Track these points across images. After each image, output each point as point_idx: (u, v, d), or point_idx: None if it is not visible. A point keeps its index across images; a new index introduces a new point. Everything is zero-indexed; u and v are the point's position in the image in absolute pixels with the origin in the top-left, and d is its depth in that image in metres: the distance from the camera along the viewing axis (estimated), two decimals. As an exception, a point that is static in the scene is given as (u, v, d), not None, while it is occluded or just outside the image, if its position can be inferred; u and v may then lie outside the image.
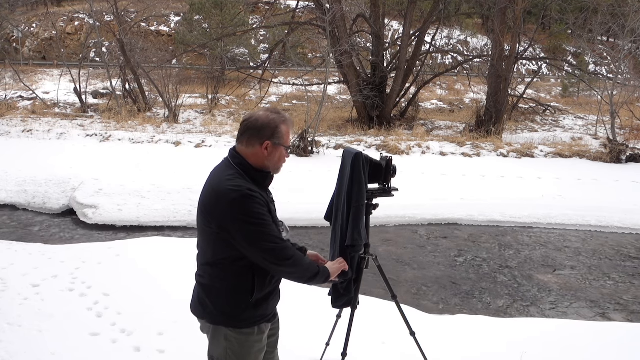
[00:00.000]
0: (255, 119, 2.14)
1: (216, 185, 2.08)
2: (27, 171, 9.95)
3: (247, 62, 25.39)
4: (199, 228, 2.18)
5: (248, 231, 2.01)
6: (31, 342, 3.71)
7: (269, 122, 2.12)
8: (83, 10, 26.03)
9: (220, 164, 2.21)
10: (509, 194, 9.37)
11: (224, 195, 2.02)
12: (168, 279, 5.02)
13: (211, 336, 2.19)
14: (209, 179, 2.18)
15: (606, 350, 3.93)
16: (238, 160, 2.14)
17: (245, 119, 2.17)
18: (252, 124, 2.13)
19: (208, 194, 2.11)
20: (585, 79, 20.65)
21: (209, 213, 2.08)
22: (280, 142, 2.15)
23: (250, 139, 2.13)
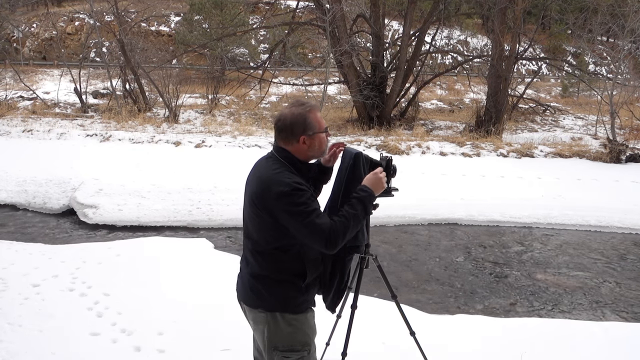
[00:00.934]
0: (284, 119, 2.22)
1: (266, 178, 2.17)
2: (28, 171, 9.96)
3: (247, 62, 25.39)
4: (248, 218, 2.26)
5: (300, 221, 2.10)
6: (32, 342, 3.72)
7: (296, 118, 2.21)
8: (83, 10, 26.04)
9: (265, 157, 2.30)
10: (509, 194, 9.37)
11: (275, 188, 2.10)
12: (168, 278, 5.02)
13: (271, 325, 2.23)
14: (254, 171, 2.28)
15: (606, 350, 3.93)
16: (284, 154, 2.23)
17: (275, 122, 2.27)
18: (282, 124, 2.22)
19: (258, 185, 2.19)
20: (585, 79, 20.65)
21: (260, 204, 2.16)
22: (314, 131, 2.23)
23: (287, 139, 2.23)
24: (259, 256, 2.24)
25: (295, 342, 2.24)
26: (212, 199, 8.54)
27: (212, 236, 7.06)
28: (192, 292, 4.68)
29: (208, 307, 4.36)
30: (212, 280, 5.02)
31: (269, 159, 2.27)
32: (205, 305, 4.40)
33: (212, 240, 6.67)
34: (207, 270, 5.38)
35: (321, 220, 2.12)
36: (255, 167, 2.31)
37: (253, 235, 2.24)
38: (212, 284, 4.90)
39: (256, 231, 2.22)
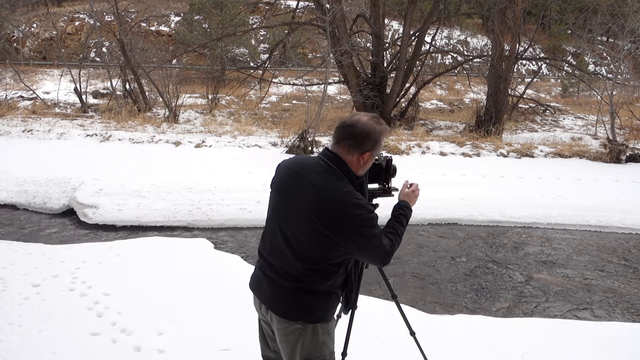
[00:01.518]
0: (362, 126, 2.13)
1: (338, 197, 2.06)
2: (28, 171, 9.95)
3: (247, 62, 25.39)
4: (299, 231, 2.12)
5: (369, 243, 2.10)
6: (31, 341, 3.72)
7: (374, 132, 2.15)
8: (83, 11, 26.02)
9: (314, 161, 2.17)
10: (509, 194, 9.37)
11: (352, 211, 2.05)
12: (168, 279, 5.02)
13: (307, 336, 2.20)
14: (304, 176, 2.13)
15: (606, 350, 3.93)
16: (342, 166, 2.13)
17: (351, 124, 2.14)
18: (359, 132, 2.12)
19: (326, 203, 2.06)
20: (585, 79, 20.65)
21: (327, 223, 2.05)
22: (376, 153, 2.21)
23: (353, 147, 2.13)
24: (313, 273, 2.13)
25: (325, 349, 2.26)
26: (212, 199, 8.54)
27: (212, 236, 7.06)
28: (192, 292, 4.69)
29: (208, 307, 4.36)
30: (212, 280, 5.02)
31: (321, 164, 2.14)
32: (205, 305, 4.40)
33: (212, 240, 6.67)
34: (207, 270, 5.39)
35: (385, 241, 2.15)
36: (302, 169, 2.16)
37: (307, 250, 2.12)
38: (212, 284, 4.90)
39: (314, 248, 2.11)
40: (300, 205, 2.09)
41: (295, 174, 2.16)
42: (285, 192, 2.18)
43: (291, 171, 2.19)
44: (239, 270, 5.42)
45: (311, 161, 2.19)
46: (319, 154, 2.21)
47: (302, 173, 2.14)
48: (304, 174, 2.13)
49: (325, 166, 2.12)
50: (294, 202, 2.13)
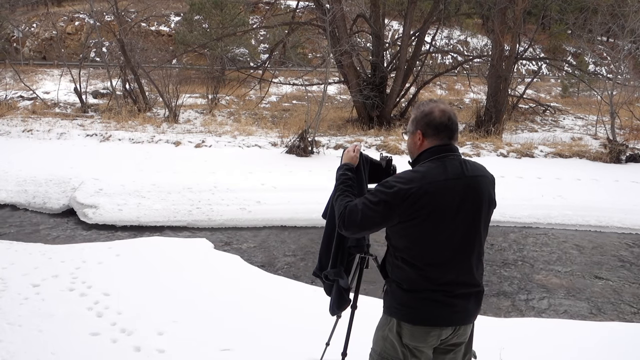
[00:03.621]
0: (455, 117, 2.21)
1: (488, 176, 2.19)
2: (28, 171, 9.95)
3: (247, 62, 25.37)
4: (482, 230, 2.15)
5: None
6: (31, 341, 3.72)
7: None
8: (83, 10, 26.01)
9: (465, 161, 2.16)
10: (509, 194, 9.35)
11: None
12: (168, 279, 5.02)
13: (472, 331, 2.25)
14: (478, 173, 2.15)
15: (607, 350, 3.93)
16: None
17: (453, 121, 2.16)
18: (456, 123, 2.20)
19: (491, 185, 2.19)
20: (585, 79, 20.64)
21: (493, 201, 2.20)
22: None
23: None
24: (482, 265, 2.22)
25: None
26: (212, 199, 8.54)
27: (212, 236, 7.06)
28: (192, 292, 4.69)
29: (208, 307, 4.37)
30: (212, 280, 5.02)
31: (465, 160, 2.17)
32: (205, 305, 4.40)
33: (212, 240, 6.67)
34: (207, 270, 5.39)
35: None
36: (467, 173, 2.11)
37: (483, 243, 2.18)
38: (212, 284, 4.90)
39: (483, 238, 2.18)
40: (488, 198, 2.16)
41: (464, 179, 2.09)
42: (468, 201, 2.08)
43: (455, 182, 2.07)
44: (239, 270, 5.43)
45: (456, 163, 2.12)
46: (456, 155, 2.14)
47: (467, 175, 2.11)
48: (471, 174, 2.12)
49: (464, 159, 2.18)
50: (480, 204, 2.12)
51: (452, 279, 2.08)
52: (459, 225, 2.06)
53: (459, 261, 2.08)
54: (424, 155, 2.14)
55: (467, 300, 2.12)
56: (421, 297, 2.09)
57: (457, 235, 2.06)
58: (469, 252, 2.10)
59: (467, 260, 2.10)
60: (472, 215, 2.08)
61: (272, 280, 5.18)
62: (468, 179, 2.08)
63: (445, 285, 2.07)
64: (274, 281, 5.16)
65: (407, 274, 2.15)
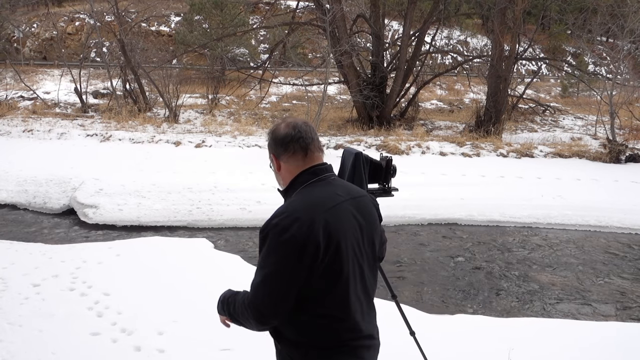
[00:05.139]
0: (308, 124, 1.95)
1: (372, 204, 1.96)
2: (28, 171, 9.96)
3: (247, 62, 25.37)
4: (373, 269, 1.93)
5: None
6: (32, 341, 3.72)
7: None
8: (84, 11, 25.99)
9: (332, 178, 1.89)
10: (509, 194, 9.37)
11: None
12: (168, 279, 5.03)
13: None
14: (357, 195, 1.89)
15: (606, 349, 3.94)
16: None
17: (310, 127, 1.90)
18: (311, 129, 1.92)
19: (372, 216, 1.91)
20: (585, 79, 20.64)
21: (377, 232, 1.96)
22: None
23: (320, 145, 1.97)
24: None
25: None
26: (212, 199, 8.54)
27: (212, 236, 7.07)
28: (192, 292, 4.69)
29: (208, 307, 4.36)
30: (212, 280, 5.02)
31: (336, 179, 1.91)
32: (205, 305, 4.40)
33: (212, 240, 6.68)
34: (207, 270, 5.39)
35: None
36: (344, 197, 1.82)
37: (373, 287, 2.01)
38: (212, 284, 4.90)
39: (375, 279, 2.02)
40: (369, 237, 1.85)
41: (344, 211, 1.78)
42: (355, 234, 1.80)
43: (337, 212, 1.76)
44: (239, 270, 5.43)
45: (333, 187, 1.84)
46: (323, 176, 1.85)
47: (345, 200, 1.80)
48: (347, 197, 1.82)
49: (336, 178, 1.93)
50: (367, 234, 1.85)
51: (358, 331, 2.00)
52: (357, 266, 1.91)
53: (364, 309, 2.08)
54: (297, 182, 1.83)
55: (374, 352, 1.98)
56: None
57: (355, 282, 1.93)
58: (369, 297, 2.07)
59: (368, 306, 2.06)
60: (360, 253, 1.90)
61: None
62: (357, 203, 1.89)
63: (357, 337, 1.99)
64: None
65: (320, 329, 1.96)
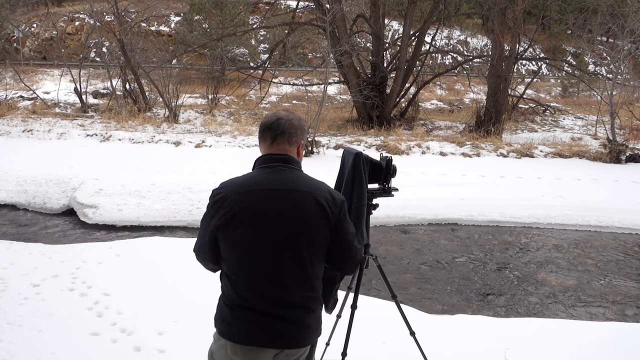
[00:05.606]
0: (291, 118, 2.06)
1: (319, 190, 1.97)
2: (28, 171, 9.96)
3: (247, 62, 25.37)
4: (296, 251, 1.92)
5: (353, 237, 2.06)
6: (31, 341, 3.72)
7: (301, 123, 2.11)
8: (83, 10, 26.00)
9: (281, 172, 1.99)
10: (509, 194, 9.37)
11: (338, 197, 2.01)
12: (168, 278, 5.03)
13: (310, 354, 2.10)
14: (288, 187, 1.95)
15: (606, 350, 3.94)
16: (299, 165, 2.06)
17: (276, 120, 2.03)
18: (289, 124, 2.03)
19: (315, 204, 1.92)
20: (585, 79, 20.65)
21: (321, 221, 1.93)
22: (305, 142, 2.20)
23: (291, 139, 2.03)
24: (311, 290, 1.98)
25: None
26: (212, 199, 8.53)
27: (212, 236, 7.05)
28: (192, 292, 4.68)
29: (208, 307, 4.35)
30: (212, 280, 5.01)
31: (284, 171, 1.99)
32: (205, 305, 4.39)
33: (212, 240, 6.66)
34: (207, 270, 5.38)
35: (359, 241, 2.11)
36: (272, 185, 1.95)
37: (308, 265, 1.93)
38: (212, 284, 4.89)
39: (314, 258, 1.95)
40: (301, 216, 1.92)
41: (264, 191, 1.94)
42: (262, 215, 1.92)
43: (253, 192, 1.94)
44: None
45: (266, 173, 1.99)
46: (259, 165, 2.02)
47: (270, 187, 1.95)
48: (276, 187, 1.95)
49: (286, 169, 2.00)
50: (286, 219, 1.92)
51: (252, 293, 1.94)
52: (262, 238, 1.92)
53: (261, 276, 1.93)
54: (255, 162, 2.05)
55: (268, 317, 1.93)
56: (236, 314, 1.96)
57: (258, 249, 1.92)
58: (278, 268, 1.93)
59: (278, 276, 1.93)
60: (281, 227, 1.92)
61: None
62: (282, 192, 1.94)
63: (252, 301, 1.94)
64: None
65: (226, 288, 2.02)
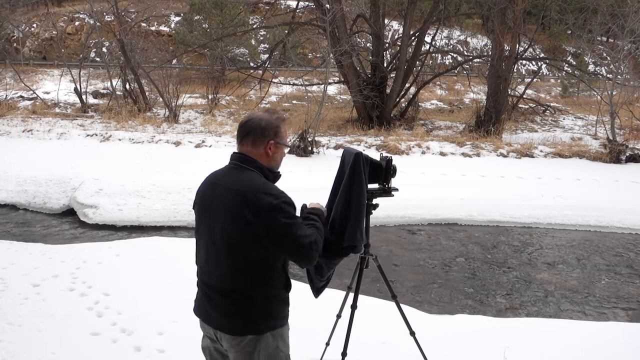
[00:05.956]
0: (258, 119, 2.16)
1: (250, 188, 2.05)
2: (28, 171, 9.96)
3: (247, 62, 25.38)
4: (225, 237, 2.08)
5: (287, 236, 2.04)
6: (31, 341, 3.72)
7: (269, 122, 2.17)
8: (83, 10, 26.02)
9: (227, 169, 2.18)
10: (509, 194, 9.37)
11: (263, 199, 2.02)
12: (168, 278, 5.02)
13: (261, 348, 2.11)
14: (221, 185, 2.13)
15: (606, 350, 3.94)
16: (254, 164, 2.14)
17: (246, 121, 2.18)
18: (255, 124, 2.15)
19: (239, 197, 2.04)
20: (585, 79, 20.65)
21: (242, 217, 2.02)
22: (281, 141, 2.20)
23: (255, 140, 2.15)
24: (240, 276, 2.08)
25: (282, 357, 2.18)
26: (212, 199, 8.53)
27: (212, 236, 7.05)
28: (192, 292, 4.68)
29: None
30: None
31: (232, 167, 2.16)
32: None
33: (212, 240, 6.66)
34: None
35: (308, 233, 2.08)
36: (218, 180, 2.15)
37: (234, 255, 2.08)
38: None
39: (238, 251, 2.07)
40: (227, 211, 2.07)
41: (212, 184, 2.17)
42: (207, 205, 2.16)
43: (207, 185, 2.20)
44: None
45: (224, 169, 2.20)
46: (230, 161, 2.21)
47: (218, 182, 2.15)
48: (220, 182, 2.14)
49: (237, 167, 2.15)
50: (219, 212, 2.10)
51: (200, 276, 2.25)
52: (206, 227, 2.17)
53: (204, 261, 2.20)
54: None
55: (207, 299, 2.19)
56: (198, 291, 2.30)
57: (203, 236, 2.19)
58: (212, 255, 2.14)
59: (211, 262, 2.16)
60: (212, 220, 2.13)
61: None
62: (220, 187, 2.13)
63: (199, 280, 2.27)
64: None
65: None
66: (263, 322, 2.11)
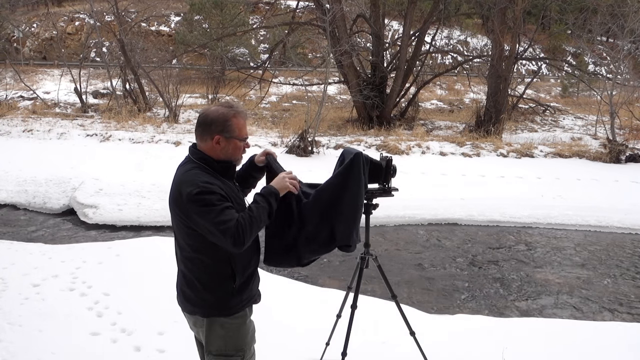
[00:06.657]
0: (206, 114, 2.23)
1: (178, 181, 2.21)
2: (28, 171, 9.96)
3: (247, 62, 25.38)
4: (173, 224, 2.29)
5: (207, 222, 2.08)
6: (31, 341, 3.72)
7: (218, 116, 2.21)
8: (83, 10, 26.02)
9: (183, 160, 2.31)
10: (509, 194, 9.37)
11: (184, 190, 2.13)
12: (168, 278, 5.02)
13: (207, 330, 2.26)
14: (174, 178, 2.28)
15: (606, 350, 3.94)
16: (199, 155, 2.23)
17: (200, 115, 2.26)
18: (202, 119, 2.23)
19: (173, 189, 2.23)
20: (585, 79, 20.65)
21: (177, 208, 2.20)
22: (232, 135, 2.22)
23: (202, 134, 2.23)
24: (188, 262, 2.25)
25: (228, 346, 2.26)
26: (212, 199, 8.53)
27: (212, 236, 7.05)
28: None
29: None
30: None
31: (185, 163, 2.28)
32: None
33: (212, 240, 6.66)
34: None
35: (227, 219, 2.08)
36: (175, 173, 2.31)
37: (179, 241, 2.27)
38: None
39: (181, 237, 2.25)
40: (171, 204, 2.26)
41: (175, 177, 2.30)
42: (169, 200, 2.32)
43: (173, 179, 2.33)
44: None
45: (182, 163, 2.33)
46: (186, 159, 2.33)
47: (174, 176, 2.29)
48: (175, 176, 2.28)
49: (188, 160, 2.27)
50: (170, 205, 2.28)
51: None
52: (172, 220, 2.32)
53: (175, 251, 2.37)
54: None
55: (179, 286, 2.35)
56: None
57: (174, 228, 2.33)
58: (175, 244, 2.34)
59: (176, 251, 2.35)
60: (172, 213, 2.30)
61: (272, 280, 5.18)
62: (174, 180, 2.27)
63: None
64: (273, 281, 5.15)
65: None
66: (208, 307, 2.24)
